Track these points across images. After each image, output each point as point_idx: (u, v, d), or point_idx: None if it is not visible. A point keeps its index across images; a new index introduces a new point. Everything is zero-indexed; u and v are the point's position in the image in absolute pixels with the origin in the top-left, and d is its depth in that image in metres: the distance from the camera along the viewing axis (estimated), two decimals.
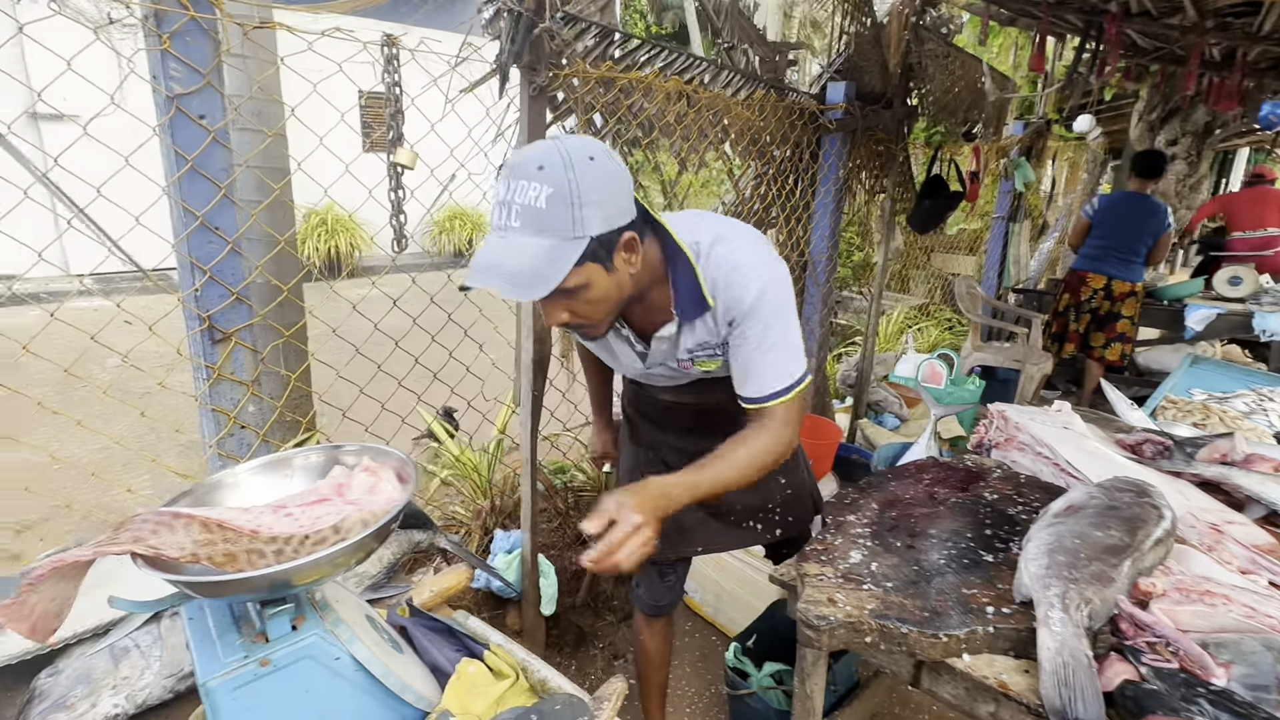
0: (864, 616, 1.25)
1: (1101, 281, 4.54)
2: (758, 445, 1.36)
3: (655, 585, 1.82)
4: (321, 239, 7.90)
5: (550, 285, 1.07)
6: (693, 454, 1.63)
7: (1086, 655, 1.13)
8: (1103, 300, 4.57)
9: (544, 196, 1.06)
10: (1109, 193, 4.43)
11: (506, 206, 1.10)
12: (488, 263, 1.09)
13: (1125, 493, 1.46)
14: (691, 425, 1.72)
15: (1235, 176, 18.95)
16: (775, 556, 1.99)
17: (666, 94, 2.18)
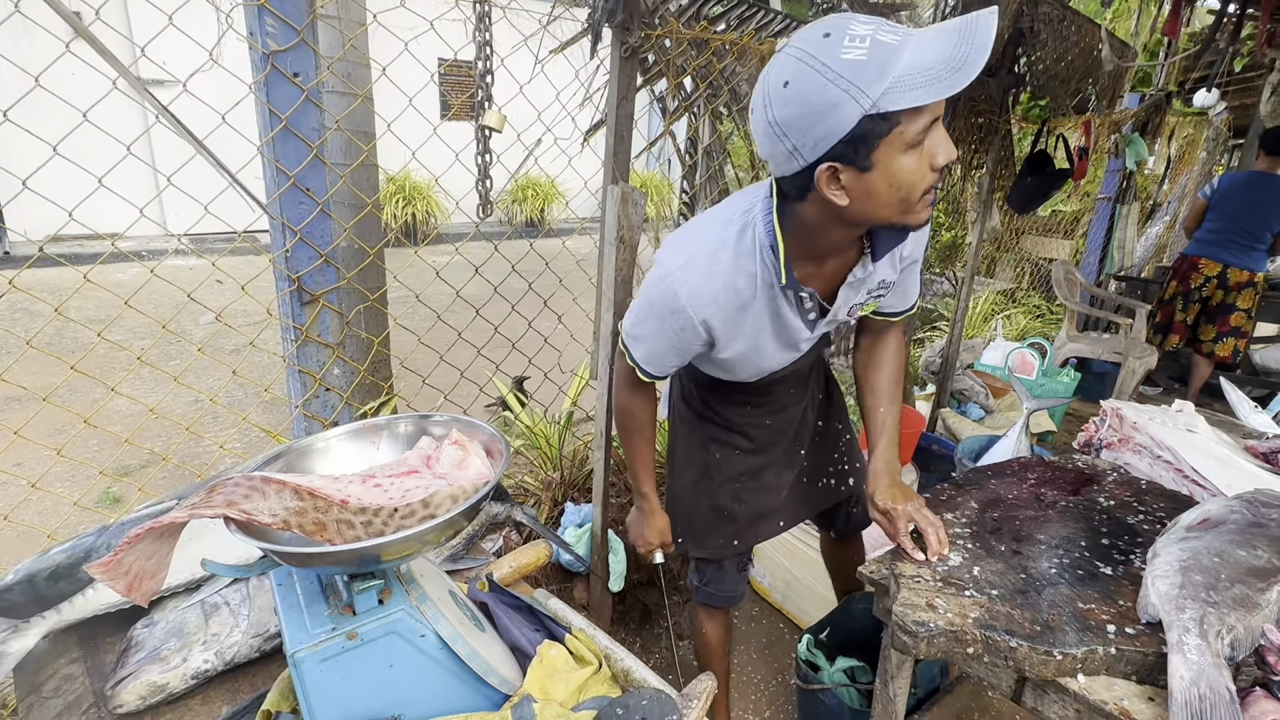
0: (967, 625, 1.16)
1: (1216, 269, 4.15)
2: (900, 358, 1.58)
3: (733, 578, 1.76)
4: (399, 205, 8.05)
5: None
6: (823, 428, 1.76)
7: (1229, 689, 1.01)
8: (1215, 289, 4.19)
9: None
10: (1231, 173, 4.01)
11: None
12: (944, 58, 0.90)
13: (1274, 509, 1.30)
14: (806, 398, 1.70)
15: None
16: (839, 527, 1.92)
17: (761, 57, 2.06)
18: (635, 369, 1.40)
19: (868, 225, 1.10)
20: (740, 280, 1.22)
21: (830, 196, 1.02)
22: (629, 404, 1.50)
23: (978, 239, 3.48)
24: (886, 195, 1.01)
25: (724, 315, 1.24)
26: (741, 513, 1.68)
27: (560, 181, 9.13)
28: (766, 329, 1.30)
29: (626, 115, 1.81)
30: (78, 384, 3.99)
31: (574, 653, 1.01)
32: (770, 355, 1.36)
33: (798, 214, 1.13)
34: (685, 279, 1.21)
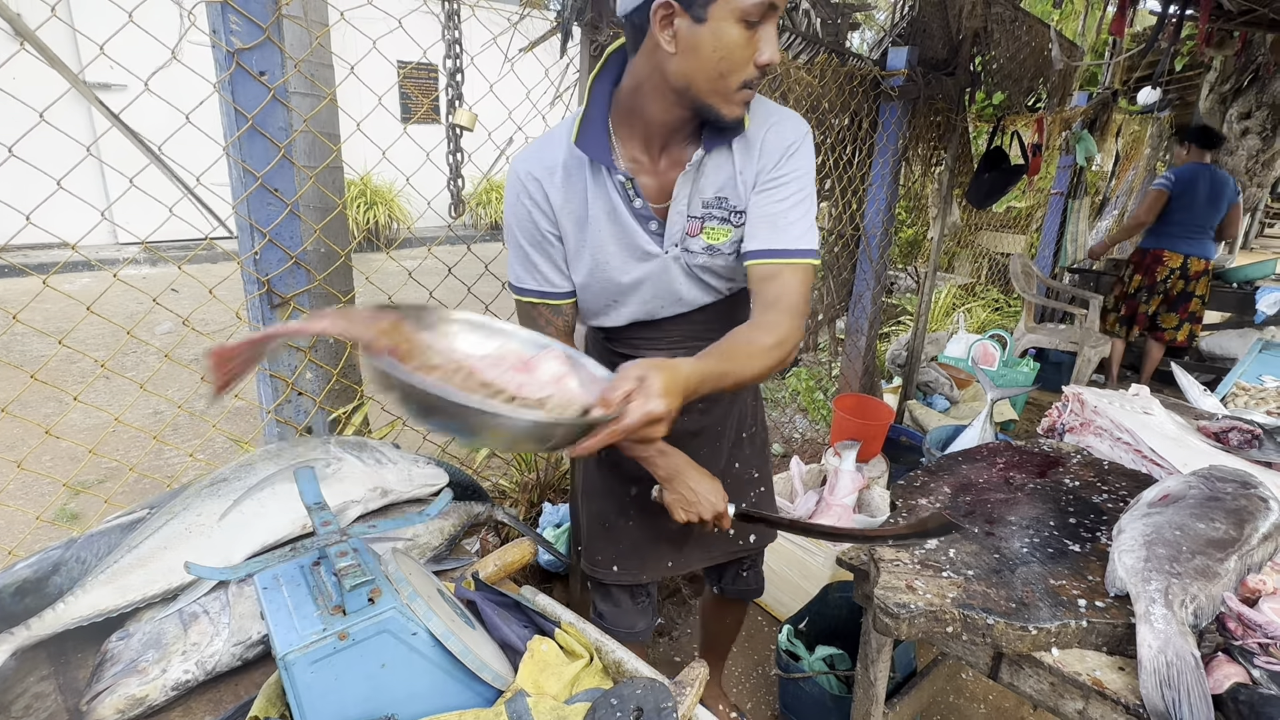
0: (946, 605, 1.19)
1: (1178, 260, 4.28)
2: (778, 330, 1.12)
3: (629, 610, 1.57)
4: (361, 210, 7.92)
5: None
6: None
7: (1194, 655, 1.05)
8: (1178, 280, 4.33)
9: None
10: (1183, 166, 4.18)
11: None
12: None
13: (1228, 483, 1.36)
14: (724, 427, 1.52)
15: None
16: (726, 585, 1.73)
17: None
18: (518, 300, 1.33)
19: (687, 97, 1.08)
20: (550, 163, 1.21)
21: (661, 40, 1.01)
22: None
23: (939, 234, 3.56)
24: (709, 59, 1.01)
25: (559, 194, 1.20)
26: (626, 532, 1.50)
27: None
28: (605, 228, 1.21)
29: None
30: (27, 398, 3.84)
31: (564, 647, 1.01)
32: (618, 264, 1.24)
33: (630, 73, 1.11)
34: (523, 157, 1.24)
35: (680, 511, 1.27)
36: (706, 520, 1.27)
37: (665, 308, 1.32)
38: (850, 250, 3.22)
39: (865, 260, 3.23)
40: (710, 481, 1.28)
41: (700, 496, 1.26)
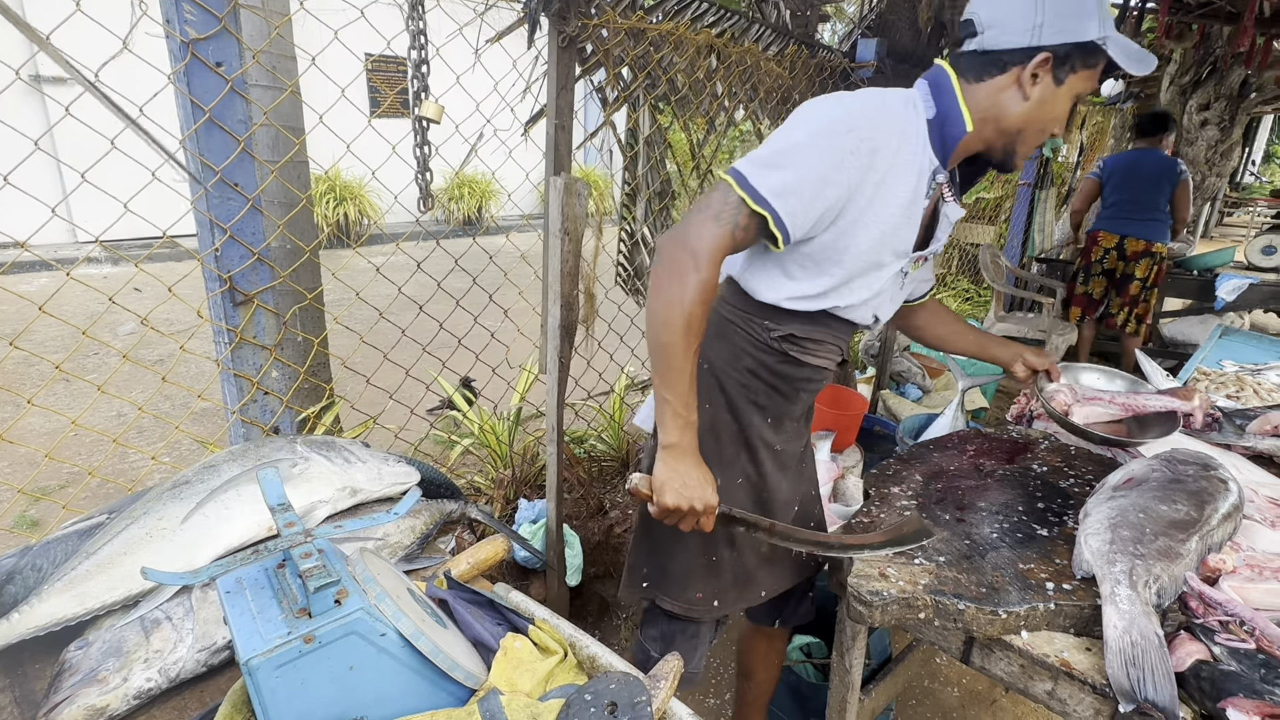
0: (918, 592, 1.20)
1: (1114, 240, 4.33)
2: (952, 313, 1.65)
3: (704, 650, 1.48)
4: (329, 206, 7.78)
5: None
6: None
7: (1157, 634, 1.08)
8: (1116, 260, 4.36)
9: None
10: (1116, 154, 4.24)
11: None
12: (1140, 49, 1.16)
13: (1189, 465, 1.39)
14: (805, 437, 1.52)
15: (1258, 145, 18.56)
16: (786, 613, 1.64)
17: (697, 48, 2.07)
18: (744, 206, 1.11)
19: (1001, 140, 1.21)
20: (911, 133, 1.18)
21: (1026, 86, 1.15)
22: (693, 283, 1.10)
23: None
24: (1044, 117, 1.18)
25: (893, 157, 1.15)
26: (731, 564, 1.41)
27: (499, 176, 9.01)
28: (901, 212, 1.19)
29: (566, 105, 1.80)
30: None
31: (538, 643, 1.00)
32: (893, 247, 1.24)
33: (972, 98, 1.19)
34: (866, 103, 1.15)
35: (670, 495, 1.14)
36: (694, 511, 1.16)
37: (879, 310, 1.36)
38: None
39: None
40: (707, 474, 1.19)
41: (697, 484, 1.16)
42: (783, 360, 1.34)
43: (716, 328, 1.36)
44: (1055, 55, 1.13)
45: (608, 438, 3.02)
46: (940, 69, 1.23)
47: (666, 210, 2.41)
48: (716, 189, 1.14)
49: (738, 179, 1.12)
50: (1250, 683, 1.00)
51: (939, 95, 1.20)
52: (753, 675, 1.76)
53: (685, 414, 1.14)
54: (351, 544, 1.22)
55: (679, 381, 1.13)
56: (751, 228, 1.13)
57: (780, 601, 1.58)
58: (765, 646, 1.73)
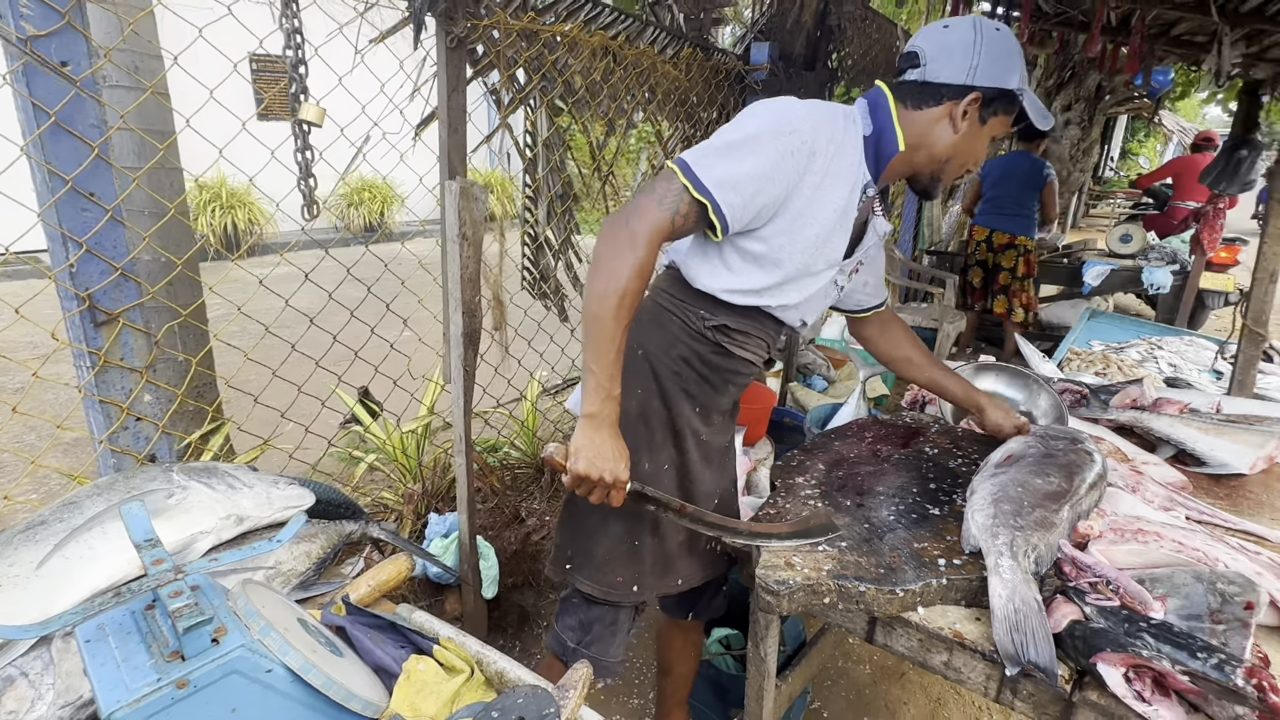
0: (822, 578, 1.24)
1: (985, 233, 4.81)
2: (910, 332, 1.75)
3: (623, 638, 1.48)
4: (215, 214, 7.29)
5: None
6: None
7: (1036, 600, 1.15)
8: (986, 252, 4.83)
9: None
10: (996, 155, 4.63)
11: None
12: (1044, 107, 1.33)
13: (1059, 440, 1.50)
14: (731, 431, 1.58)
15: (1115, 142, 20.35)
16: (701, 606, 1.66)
17: (592, 50, 2.07)
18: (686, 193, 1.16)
19: (929, 166, 1.32)
20: (848, 145, 1.27)
21: (957, 119, 1.26)
22: (629, 261, 1.14)
23: None
24: (967, 152, 1.31)
25: (829, 163, 1.24)
26: (652, 549, 1.43)
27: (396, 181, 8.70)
28: (835, 218, 1.28)
29: (458, 108, 1.75)
30: None
31: (444, 663, 0.97)
32: (826, 255, 1.32)
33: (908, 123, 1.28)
34: (811, 109, 1.24)
35: (583, 462, 1.16)
36: (604, 482, 1.17)
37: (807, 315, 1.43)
38: None
39: None
40: (622, 449, 1.20)
41: (611, 456, 1.18)
42: (714, 350, 1.40)
43: (653, 315, 1.41)
44: (984, 96, 1.25)
45: (522, 445, 2.97)
46: (879, 91, 1.32)
47: (569, 213, 2.40)
48: (662, 175, 1.21)
49: (683, 167, 1.18)
50: (1116, 637, 1.08)
51: (876, 114, 1.30)
52: (671, 670, 1.78)
53: (608, 386, 1.18)
54: (239, 575, 1.14)
55: (606, 353, 1.16)
56: (692, 215, 1.19)
57: (694, 595, 1.61)
58: (681, 640, 1.75)
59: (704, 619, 1.69)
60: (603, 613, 1.44)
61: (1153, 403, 2.06)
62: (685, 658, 1.76)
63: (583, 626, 1.44)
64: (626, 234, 1.16)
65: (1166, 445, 1.89)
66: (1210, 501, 1.65)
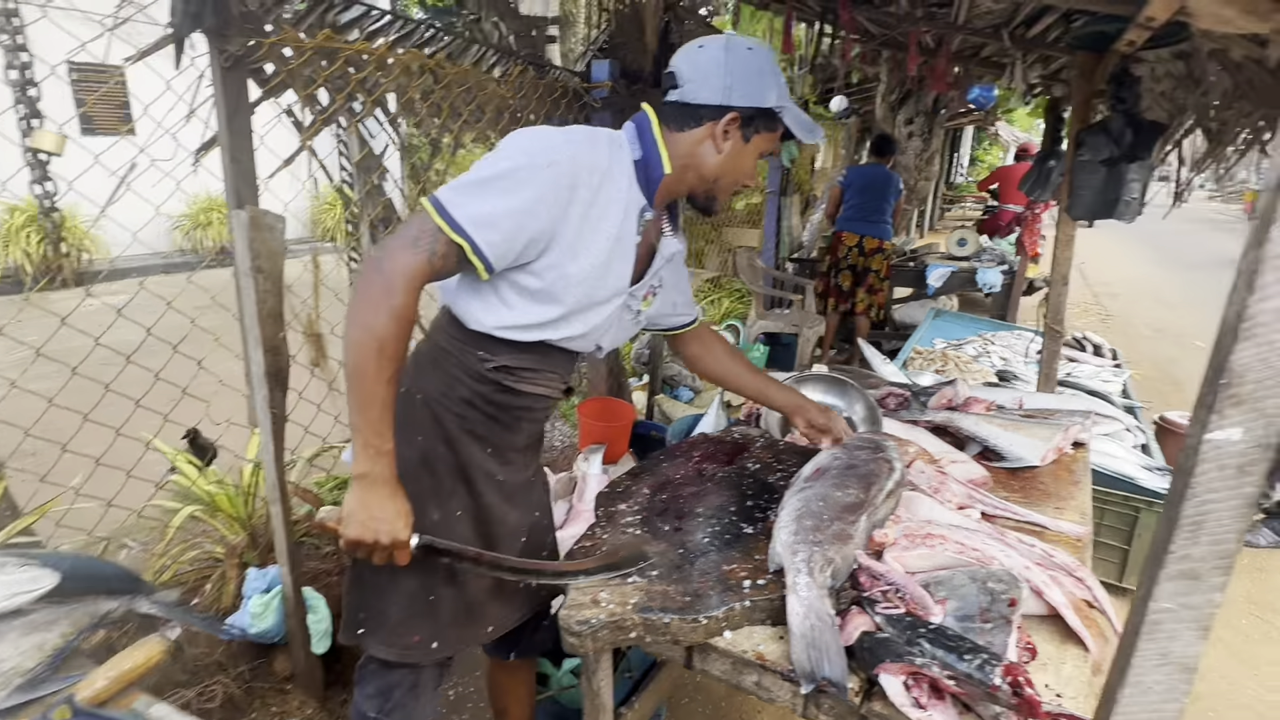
0: (627, 612, 1.21)
1: (855, 239, 5.17)
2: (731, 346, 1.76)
3: (429, 698, 1.39)
4: (30, 240, 6.47)
5: None
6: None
7: (829, 614, 1.18)
8: (857, 256, 5.18)
9: None
10: (856, 165, 4.95)
11: None
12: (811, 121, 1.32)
13: (863, 450, 1.56)
14: (534, 466, 1.53)
15: (964, 151, 22.19)
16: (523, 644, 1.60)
17: (405, 68, 1.98)
18: (441, 233, 1.10)
19: (701, 186, 1.32)
20: (616, 171, 1.24)
21: (718, 139, 1.26)
22: (384, 309, 1.08)
23: None
24: (736, 170, 1.31)
25: (594, 193, 1.21)
26: (450, 601, 1.34)
27: None
28: (609, 246, 1.24)
29: (242, 131, 1.63)
30: None
31: None
32: (609, 284, 1.29)
33: (674, 143, 1.28)
34: (570, 138, 1.20)
35: (354, 527, 1.10)
36: (381, 545, 1.11)
37: (602, 340, 1.40)
38: None
39: None
40: (400, 506, 1.13)
41: (387, 516, 1.11)
42: (499, 390, 1.33)
43: (431, 358, 1.34)
44: (742, 116, 1.25)
45: None
46: (644, 114, 1.31)
47: None
48: (416, 214, 1.15)
49: (436, 206, 1.12)
50: (897, 647, 1.12)
51: (643, 138, 1.29)
52: (506, 713, 1.72)
53: (377, 442, 1.11)
54: None
55: (369, 408, 1.10)
56: (450, 256, 1.13)
57: (514, 633, 1.53)
58: (510, 681, 1.68)
59: (531, 656, 1.64)
60: (402, 676, 1.34)
61: (964, 402, 2.20)
62: (518, 699, 1.69)
63: (382, 694, 1.34)
64: (380, 280, 1.09)
65: (974, 443, 2.02)
66: (1006, 495, 1.76)
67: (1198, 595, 0.76)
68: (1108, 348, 4.49)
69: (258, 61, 1.62)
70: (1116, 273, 10.68)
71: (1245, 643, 2.66)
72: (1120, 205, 2.29)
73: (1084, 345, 4.50)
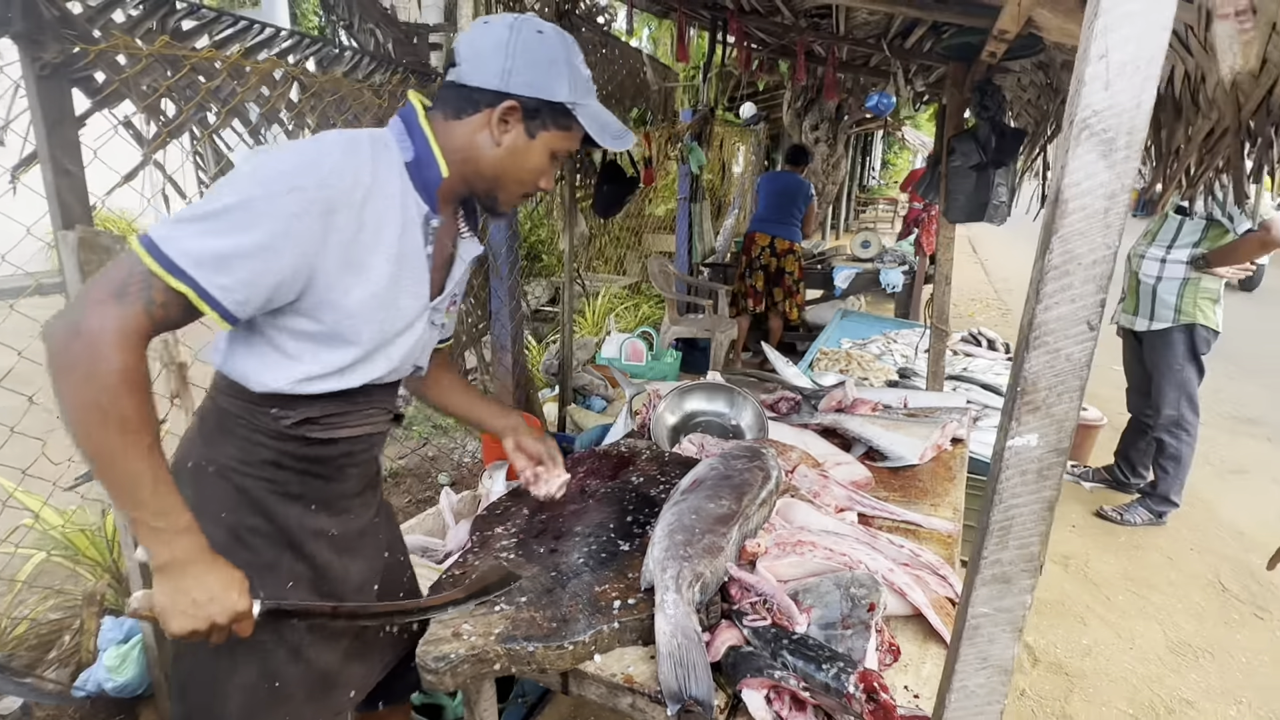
0: (490, 644, 1.16)
1: (767, 240, 5.32)
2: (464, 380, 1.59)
3: None
4: None
5: None
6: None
7: (696, 631, 1.16)
8: (770, 257, 5.30)
9: None
10: (770, 171, 5.10)
11: None
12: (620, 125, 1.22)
13: (739, 459, 1.56)
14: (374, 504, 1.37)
15: (876, 156, 23.08)
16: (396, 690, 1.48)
17: (263, 77, 1.88)
18: (155, 279, 0.91)
19: (480, 183, 1.19)
20: (384, 181, 1.07)
21: (494, 130, 1.13)
22: (113, 382, 0.89)
23: (569, 244, 3.73)
24: (518, 168, 1.17)
25: (359, 212, 1.02)
26: (299, 679, 1.20)
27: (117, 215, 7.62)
28: (391, 269, 1.08)
29: (67, 145, 1.50)
30: None
31: None
32: (404, 310, 1.14)
33: (448, 135, 1.14)
34: (321, 153, 1.00)
35: (179, 620, 0.96)
36: (218, 625, 0.97)
37: (420, 360, 1.28)
38: (483, 268, 3.20)
39: (495, 279, 3.24)
40: (225, 574, 0.99)
41: (212, 594, 0.97)
42: (307, 444, 1.16)
43: (217, 421, 1.15)
44: (524, 107, 1.11)
45: None
46: (410, 105, 1.15)
47: None
48: (121, 259, 0.94)
49: (148, 246, 0.92)
50: (759, 661, 1.11)
51: (412, 135, 1.13)
52: None
53: (165, 523, 0.95)
54: None
55: (139, 490, 0.93)
56: (174, 305, 0.94)
57: (380, 683, 1.41)
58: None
59: (402, 701, 1.53)
60: None
61: (851, 403, 2.25)
62: None
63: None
64: (81, 345, 0.89)
65: (860, 443, 2.06)
66: (886, 495, 1.81)
67: (1010, 598, 0.77)
68: (1000, 341, 4.72)
69: (84, 70, 1.50)
70: (1016, 269, 11.29)
71: (1122, 618, 2.82)
72: (989, 209, 2.40)
73: (979, 340, 4.71)
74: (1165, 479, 3.46)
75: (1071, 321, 0.69)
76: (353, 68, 2.28)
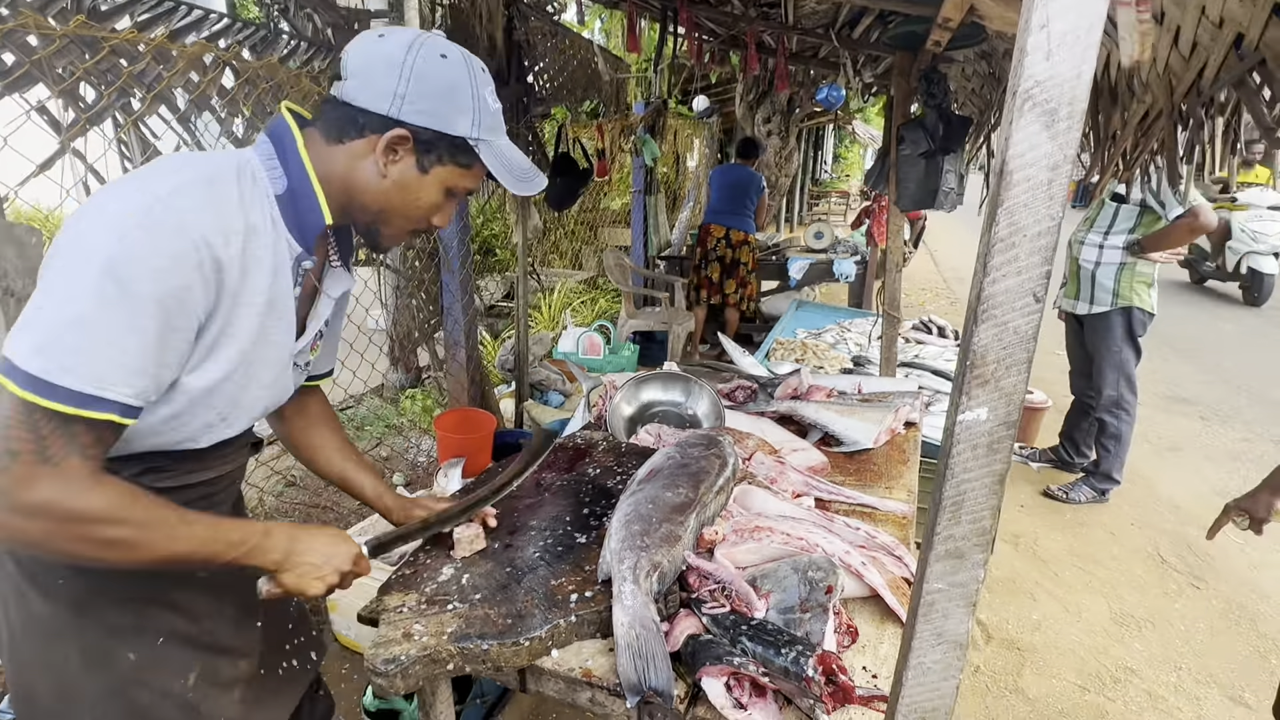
0: (442, 643, 1.13)
1: (722, 231, 5.38)
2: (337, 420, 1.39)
3: None
4: None
5: None
6: None
7: (655, 621, 1.14)
8: (725, 248, 5.35)
9: None
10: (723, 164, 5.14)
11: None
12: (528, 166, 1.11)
13: (696, 447, 1.55)
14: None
15: (828, 149, 23.44)
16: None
17: (190, 60, 1.79)
18: (70, 422, 0.81)
19: (362, 216, 1.07)
20: (256, 220, 0.94)
21: (381, 160, 1.01)
22: (76, 533, 0.83)
23: (523, 237, 3.67)
24: (406, 204, 1.06)
25: (241, 259, 0.91)
26: None
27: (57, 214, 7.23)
28: (259, 322, 0.96)
29: None
30: None
31: None
32: (263, 366, 1.01)
33: (326, 160, 1.01)
34: (183, 205, 0.85)
35: (314, 584, 1.04)
36: (347, 575, 1.09)
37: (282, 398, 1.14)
38: (427, 265, 3.13)
39: (447, 274, 3.17)
40: (323, 533, 1.09)
41: (326, 553, 1.06)
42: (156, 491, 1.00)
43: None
44: (416, 138, 1.00)
45: None
46: (283, 124, 1.00)
47: None
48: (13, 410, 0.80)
49: (41, 390, 0.79)
50: (719, 649, 1.10)
51: (286, 161, 0.99)
52: None
53: (251, 542, 0.98)
54: None
55: (205, 550, 0.94)
56: (106, 437, 0.86)
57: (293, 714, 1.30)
58: None
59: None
60: None
61: (806, 390, 2.26)
62: None
63: None
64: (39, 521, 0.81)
65: (815, 429, 2.07)
66: (842, 479, 1.82)
67: (963, 573, 0.77)
68: (950, 329, 4.82)
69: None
70: (965, 258, 11.59)
71: (1069, 592, 2.91)
72: (939, 195, 2.44)
73: (930, 328, 4.81)
74: (1107, 458, 3.58)
75: (1018, 294, 0.69)
76: (289, 54, 2.19)
